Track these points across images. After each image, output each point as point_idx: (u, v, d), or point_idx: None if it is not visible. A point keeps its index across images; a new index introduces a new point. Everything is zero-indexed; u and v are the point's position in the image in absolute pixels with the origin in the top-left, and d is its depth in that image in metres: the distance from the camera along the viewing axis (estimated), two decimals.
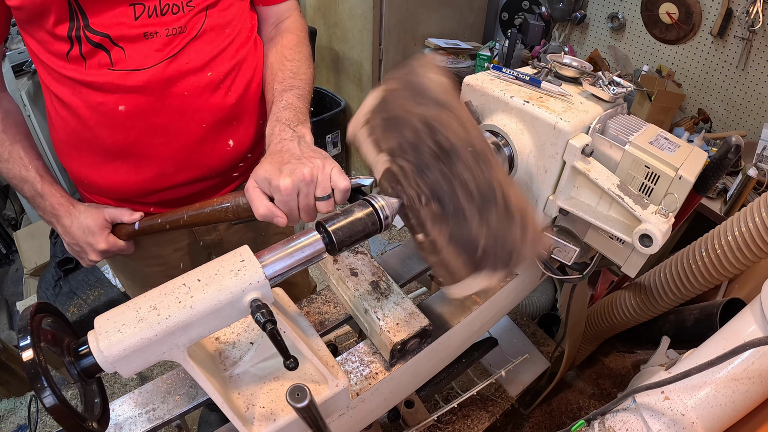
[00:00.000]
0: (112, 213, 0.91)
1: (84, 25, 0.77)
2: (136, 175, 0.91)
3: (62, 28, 0.77)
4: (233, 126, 0.94)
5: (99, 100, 0.82)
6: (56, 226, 0.92)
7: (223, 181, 1.01)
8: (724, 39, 1.99)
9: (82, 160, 0.91)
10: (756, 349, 0.71)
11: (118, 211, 0.92)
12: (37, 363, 0.49)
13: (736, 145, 0.80)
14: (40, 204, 0.90)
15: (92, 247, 0.91)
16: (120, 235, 0.93)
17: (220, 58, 0.88)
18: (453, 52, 2.66)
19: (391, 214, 0.67)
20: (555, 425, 1.81)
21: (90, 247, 0.91)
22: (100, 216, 0.90)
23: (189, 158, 0.91)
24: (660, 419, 0.76)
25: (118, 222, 0.92)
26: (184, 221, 0.86)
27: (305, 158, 0.72)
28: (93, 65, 0.80)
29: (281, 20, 1.01)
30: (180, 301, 0.55)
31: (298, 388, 0.56)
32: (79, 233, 0.90)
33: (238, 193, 0.80)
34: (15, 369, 1.89)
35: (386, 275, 0.87)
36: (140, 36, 0.79)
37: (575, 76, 0.87)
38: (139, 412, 0.73)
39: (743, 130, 2.07)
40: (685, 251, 1.17)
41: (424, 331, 0.79)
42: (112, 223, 0.92)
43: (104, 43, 0.78)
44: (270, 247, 0.62)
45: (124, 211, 0.92)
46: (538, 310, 2.10)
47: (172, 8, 0.81)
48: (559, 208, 0.82)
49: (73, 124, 0.86)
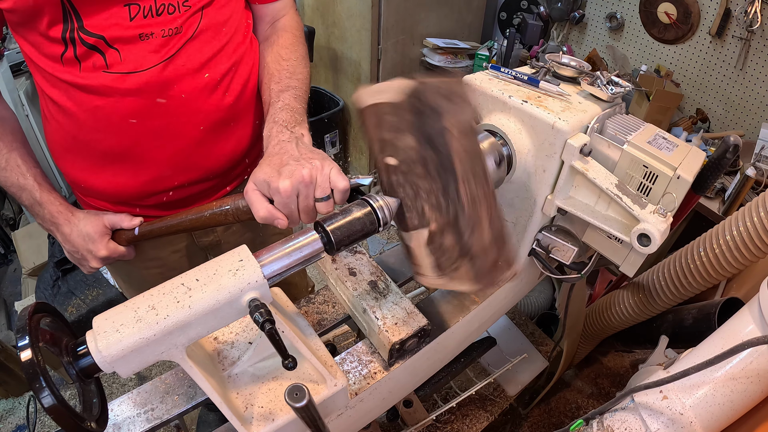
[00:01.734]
0: (111, 219, 0.91)
1: (78, 27, 0.76)
2: (133, 178, 0.90)
3: (56, 29, 0.76)
4: (231, 127, 0.94)
5: (95, 103, 0.81)
6: (56, 234, 0.91)
7: (222, 182, 1.01)
8: (722, 39, 1.99)
9: (79, 164, 0.91)
10: (754, 349, 0.71)
11: (117, 217, 0.91)
12: (36, 363, 0.49)
13: (734, 144, 0.80)
14: (39, 212, 0.89)
15: (93, 254, 0.90)
16: (120, 241, 0.93)
17: (216, 59, 0.87)
18: (451, 51, 2.66)
19: (389, 213, 0.66)
20: (553, 424, 1.81)
21: (90, 254, 0.90)
22: (100, 223, 0.89)
23: (187, 160, 0.91)
24: (658, 418, 0.76)
25: (117, 228, 0.92)
26: (184, 225, 0.86)
27: (304, 159, 0.71)
28: (88, 67, 0.78)
29: (277, 18, 1.00)
30: (178, 300, 0.55)
31: (297, 387, 0.56)
32: (79, 241, 0.89)
33: (237, 196, 0.79)
34: (13, 369, 1.89)
35: (384, 275, 0.87)
36: (136, 37, 0.79)
37: (573, 75, 0.87)
38: (138, 412, 0.73)
39: (741, 129, 2.07)
40: (684, 251, 1.17)
41: (422, 330, 0.79)
42: (111, 229, 0.91)
43: (99, 44, 0.77)
44: (268, 247, 0.62)
45: (123, 217, 0.91)
46: (536, 309, 2.10)
47: (168, 8, 0.80)
48: (558, 207, 0.82)
49: (69, 128, 0.85)
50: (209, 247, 1.12)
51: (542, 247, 0.88)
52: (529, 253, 0.91)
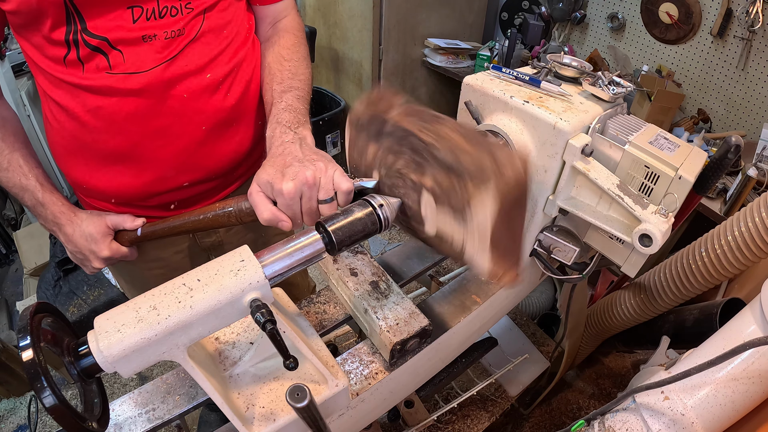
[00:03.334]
0: (114, 220, 0.91)
1: (81, 29, 0.76)
2: (136, 179, 0.90)
3: (59, 32, 0.76)
4: (233, 127, 0.94)
5: (98, 104, 0.81)
6: (58, 234, 0.91)
7: (224, 183, 1.01)
8: (723, 39, 1.99)
9: (81, 165, 0.90)
10: (756, 349, 0.71)
11: (120, 217, 0.91)
12: (37, 363, 0.49)
13: (736, 144, 0.80)
14: (42, 213, 0.89)
15: (95, 255, 0.90)
16: (122, 242, 0.93)
17: (218, 60, 0.88)
18: (453, 52, 2.66)
19: (390, 213, 0.66)
20: (555, 425, 1.81)
21: (93, 254, 0.90)
22: (103, 223, 0.89)
23: (189, 160, 0.91)
24: (660, 419, 0.76)
25: (120, 228, 0.92)
26: (186, 226, 0.86)
27: (307, 161, 0.71)
28: (91, 69, 0.79)
29: (278, 20, 1.01)
30: (180, 301, 0.55)
31: (298, 388, 0.56)
32: (82, 241, 0.89)
33: (240, 198, 0.79)
34: (15, 369, 1.90)
35: (386, 275, 0.87)
36: (139, 39, 0.79)
37: (575, 76, 0.87)
38: (139, 412, 0.73)
39: (743, 130, 2.07)
40: (685, 251, 1.17)
41: (423, 330, 0.79)
42: (114, 229, 0.91)
43: (102, 46, 0.78)
44: (270, 247, 0.62)
45: (126, 218, 0.91)
46: (537, 310, 2.10)
47: (171, 11, 0.81)
48: (559, 207, 0.82)
49: (71, 129, 0.85)
50: (211, 248, 1.12)
51: (544, 248, 0.88)
52: (530, 253, 0.91)
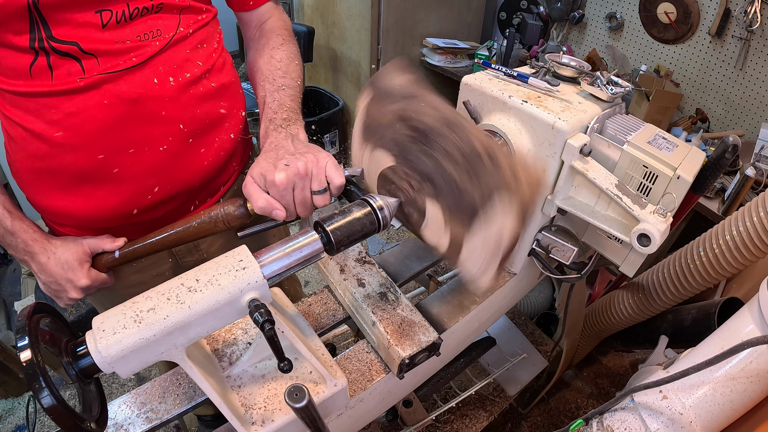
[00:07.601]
0: (92, 243, 0.83)
1: (47, 36, 0.71)
2: (109, 198, 0.84)
3: (22, 38, 0.70)
4: (209, 136, 0.90)
5: (69, 110, 0.75)
6: (30, 264, 0.83)
7: (201, 196, 0.96)
8: (722, 39, 1.99)
9: (48, 188, 0.84)
10: (754, 349, 0.71)
11: (98, 240, 0.84)
12: (35, 363, 0.49)
13: (734, 144, 0.80)
14: (11, 242, 0.82)
15: (72, 284, 0.82)
16: (99, 267, 0.85)
17: (192, 65, 0.84)
18: (451, 51, 2.66)
19: (389, 213, 0.67)
20: (553, 424, 1.81)
21: (70, 284, 0.82)
22: (80, 249, 0.82)
23: (163, 173, 0.86)
24: (658, 418, 0.76)
25: (99, 251, 0.85)
26: (170, 240, 0.80)
27: (299, 153, 0.72)
28: (62, 75, 0.74)
29: (263, 21, 0.99)
30: (178, 301, 0.55)
31: (297, 388, 0.56)
32: (58, 270, 0.82)
33: (226, 202, 0.77)
34: (13, 369, 1.89)
35: (394, 286, 0.86)
36: (110, 42, 0.74)
37: (573, 75, 0.87)
38: (138, 412, 0.73)
39: (741, 129, 2.07)
40: (683, 251, 1.17)
41: (433, 345, 0.78)
42: (93, 254, 0.84)
43: (73, 51, 0.73)
44: (268, 247, 0.62)
45: (104, 239, 0.84)
46: (536, 309, 2.10)
47: (142, 12, 0.77)
48: (558, 207, 0.82)
49: (35, 149, 0.79)
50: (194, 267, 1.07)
51: (542, 247, 0.88)
52: (529, 253, 0.91)
